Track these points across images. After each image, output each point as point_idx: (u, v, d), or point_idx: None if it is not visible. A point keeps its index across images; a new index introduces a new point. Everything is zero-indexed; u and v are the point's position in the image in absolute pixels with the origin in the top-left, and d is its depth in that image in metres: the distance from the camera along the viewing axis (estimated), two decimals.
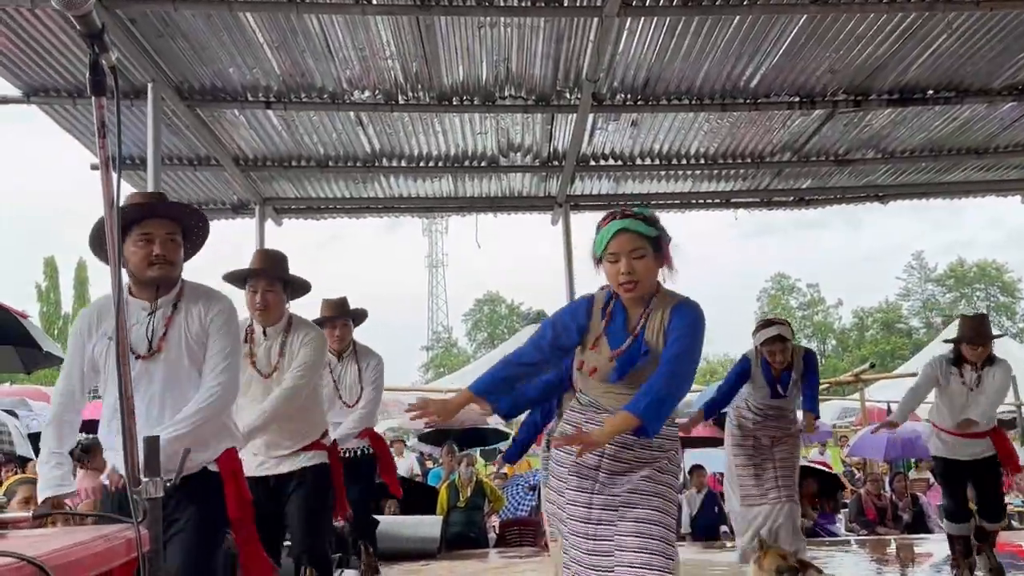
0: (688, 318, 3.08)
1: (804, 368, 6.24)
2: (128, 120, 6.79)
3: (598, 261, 3.14)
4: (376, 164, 8.24)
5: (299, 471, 4.47)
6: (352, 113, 7.13)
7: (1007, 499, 11.41)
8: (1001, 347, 7.71)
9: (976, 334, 6.16)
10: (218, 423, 3.25)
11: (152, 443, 2.08)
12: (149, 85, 6.14)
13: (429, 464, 15.04)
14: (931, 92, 7.25)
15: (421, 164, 8.30)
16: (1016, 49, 6.56)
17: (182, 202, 3.78)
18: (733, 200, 9.52)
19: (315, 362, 4.51)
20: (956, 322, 6.78)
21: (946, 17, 5.99)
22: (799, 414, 6.49)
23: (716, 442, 10.86)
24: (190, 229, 3.34)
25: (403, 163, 8.26)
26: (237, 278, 4.53)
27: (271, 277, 4.46)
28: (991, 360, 6.16)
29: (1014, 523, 9.88)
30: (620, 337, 3.10)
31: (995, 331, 6.43)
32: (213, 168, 7.84)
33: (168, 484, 3.29)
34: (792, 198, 9.58)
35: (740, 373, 6.32)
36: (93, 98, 1.87)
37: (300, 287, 4.69)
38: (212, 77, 6.48)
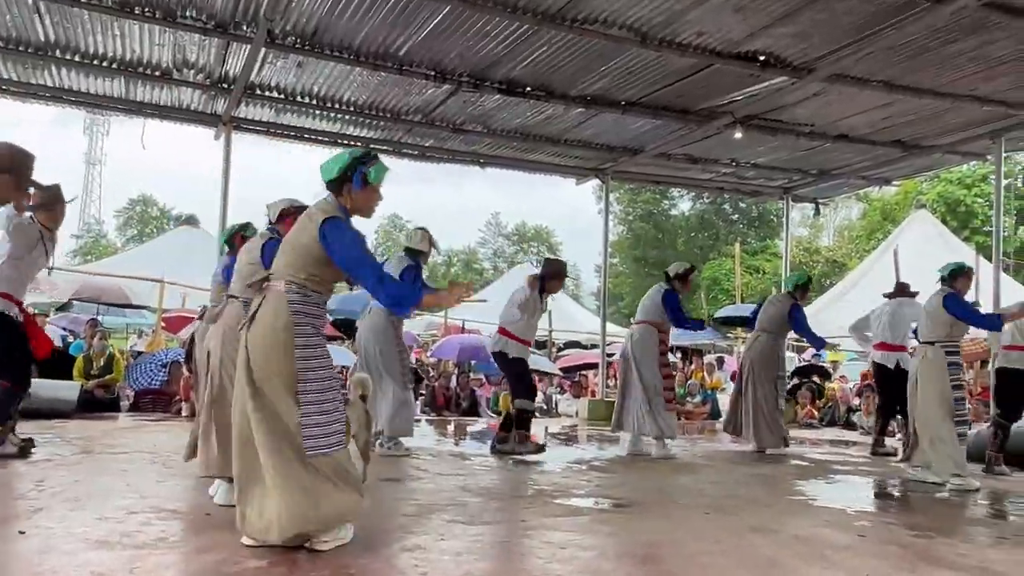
0: None
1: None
2: None
3: (365, 184, 3.09)
4: (49, 54, 7.04)
5: None
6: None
7: None
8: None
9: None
10: None
11: None
12: None
13: (71, 338, 13.29)
14: (529, 89, 7.69)
15: (95, 62, 7.23)
16: (589, 69, 7.15)
17: None
18: (371, 146, 9.35)
19: None
20: (521, 265, 7.12)
21: (548, 33, 6.36)
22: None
23: None
24: None
25: (77, 58, 7.13)
26: None
27: None
28: None
29: None
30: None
31: None
32: None
33: None
34: (417, 152, 9.73)
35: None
36: None
37: None
38: None
